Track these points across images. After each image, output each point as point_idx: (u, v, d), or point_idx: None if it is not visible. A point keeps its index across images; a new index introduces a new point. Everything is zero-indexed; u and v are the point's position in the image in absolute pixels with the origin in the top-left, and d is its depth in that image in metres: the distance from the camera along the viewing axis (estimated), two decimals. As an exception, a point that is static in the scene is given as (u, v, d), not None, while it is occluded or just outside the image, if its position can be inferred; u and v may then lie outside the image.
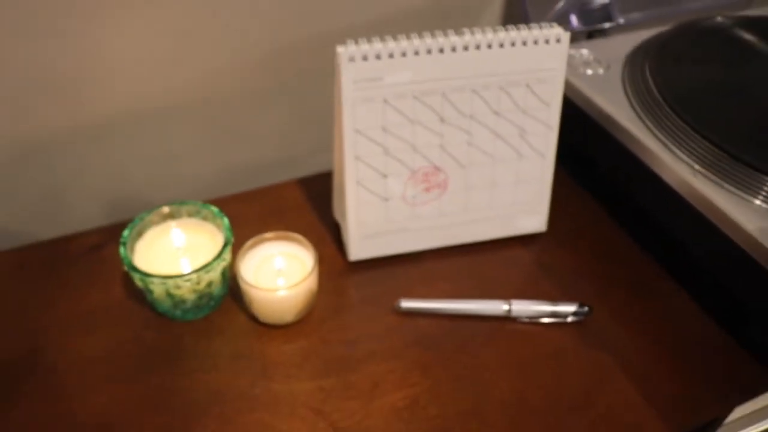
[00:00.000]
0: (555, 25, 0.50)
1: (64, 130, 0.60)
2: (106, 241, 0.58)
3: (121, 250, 0.49)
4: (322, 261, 0.54)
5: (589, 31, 0.72)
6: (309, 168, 0.67)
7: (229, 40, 0.61)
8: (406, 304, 0.52)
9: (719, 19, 0.71)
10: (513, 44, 0.49)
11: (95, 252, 0.58)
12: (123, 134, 0.62)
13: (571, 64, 0.65)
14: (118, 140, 0.62)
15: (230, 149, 0.67)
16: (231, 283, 0.53)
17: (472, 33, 0.48)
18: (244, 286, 0.48)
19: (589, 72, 0.65)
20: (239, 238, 0.51)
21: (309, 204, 0.63)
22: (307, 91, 0.67)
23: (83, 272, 0.56)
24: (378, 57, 0.47)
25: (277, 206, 0.62)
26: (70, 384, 0.48)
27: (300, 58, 0.65)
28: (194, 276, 0.47)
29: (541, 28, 0.49)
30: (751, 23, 0.71)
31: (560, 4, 0.71)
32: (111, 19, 0.55)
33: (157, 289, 0.48)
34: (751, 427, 0.62)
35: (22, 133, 0.59)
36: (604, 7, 0.72)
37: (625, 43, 0.69)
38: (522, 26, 0.49)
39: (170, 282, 0.47)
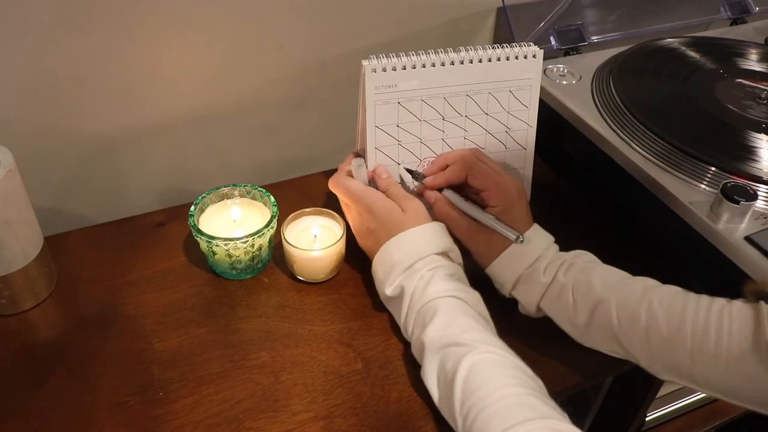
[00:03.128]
0: (532, 44, 0.63)
1: (129, 130, 0.73)
2: (168, 219, 0.71)
3: (190, 220, 0.61)
4: (347, 236, 0.66)
5: (565, 50, 0.85)
6: (331, 163, 0.80)
7: (269, 57, 0.74)
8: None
9: (669, 40, 0.85)
10: (499, 59, 0.62)
11: (160, 227, 0.70)
12: (178, 134, 0.75)
13: (550, 76, 0.79)
14: (174, 139, 0.75)
15: (267, 147, 0.81)
16: (275, 252, 0.66)
17: (467, 50, 0.61)
18: (287, 248, 0.61)
19: (564, 82, 0.79)
20: (279, 216, 0.64)
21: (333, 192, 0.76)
22: (331, 101, 0.81)
23: (151, 244, 0.69)
24: (394, 69, 0.60)
25: (307, 193, 0.75)
26: (148, 327, 0.60)
27: (327, 72, 0.78)
28: (249, 239, 0.60)
29: (520, 46, 0.63)
30: (695, 43, 0.85)
31: (541, 27, 0.85)
32: (171, 41, 0.68)
33: (219, 251, 0.60)
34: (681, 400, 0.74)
35: (97, 131, 0.71)
36: (577, 30, 0.86)
37: (595, 59, 0.83)
38: (506, 45, 0.63)
39: (230, 244, 0.59)
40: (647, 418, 0.83)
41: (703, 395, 0.88)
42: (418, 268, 0.55)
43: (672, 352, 0.49)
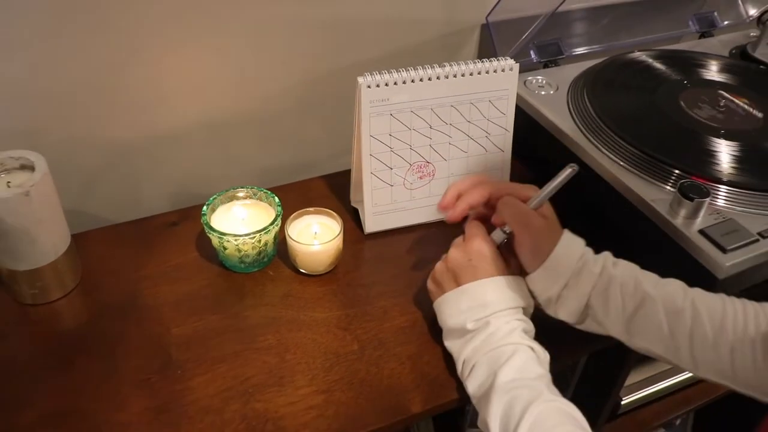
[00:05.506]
0: (509, 58, 0.71)
1: (144, 138, 0.80)
2: (181, 219, 0.78)
3: (203, 218, 0.68)
4: (343, 233, 0.73)
5: (544, 62, 0.93)
6: (329, 168, 0.87)
7: (275, 71, 0.81)
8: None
9: (638, 53, 0.92)
10: (479, 73, 0.70)
11: (173, 227, 0.77)
12: (189, 141, 0.82)
13: (529, 86, 0.86)
14: (186, 146, 0.82)
15: (271, 153, 0.87)
16: (279, 248, 0.73)
17: (451, 65, 0.69)
18: (291, 243, 0.68)
19: (543, 92, 0.86)
20: (282, 215, 0.71)
21: (331, 194, 0.83)
22: (329, 111, 0.88)
23: (165, 241, 0.75)
24: (386, 84, 0.67)
25: (308, 196, 0.82)
26: (165, 315, 0.67)
27: (326, 85, 0.85)
28: (256, 236, 0.66)
29: (499, 60, 0.70)
30: (662, 56, 0.93)
31: (522, 41, 0.92)
32: (183, 55, 0.75)
33: (230, 247, 0.67)
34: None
35: (114, 138, 0.78)
36: (555, 44, 0.93)
37: (571, 71, 0.90)
38: (486, 60, 0.70)
39: (240, 240, 0.66)
40: (623, 402, 0.90)
41: (679, 380, 0.95)
42: (507, 314, 0.57)
43: (715, 349, 0.52)
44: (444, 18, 0.89)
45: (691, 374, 0.89)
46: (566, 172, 0.62)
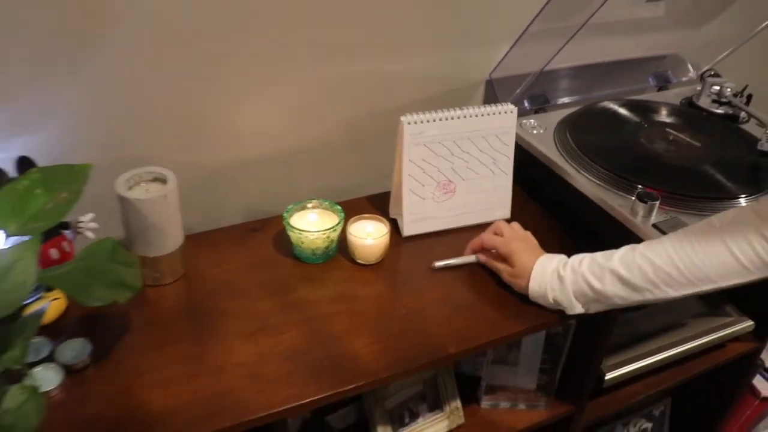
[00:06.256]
0: (509, 104, 0.96)
1: (227, 164, 1.03)
2: (261, 227, 1.01)
3: (285, 220, 0.92)
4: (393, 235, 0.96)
5: (535, 109, 1.19)
6: (370, 191, 1.11)
7: (324, 114, 1.06)
8: (438, 263, 0.94)
9: (607, 102, 1.19)
10: (488, 114, 0.95)
11: (255, 232, 1.00)
12: (262, 166, 1.06)
13: (524, 127, 1.12)
14: (258, 170, 1.06)
15: (326, 178, 1.12)
16: (340, 246, 0.96)
17: (467, 108, 0.94)
18: (351, 238, 0.91)
19: (535, 132, 1.11)
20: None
21: (373, 208, 1.06)
22: (370, 145, 1.12)
23: (249, 243, 0.98)
24: (421, 122, 0.92)
25: (356, 210, 1.05)
26: (253, 294, 0.88)
27: (364, 126, 1.10)
28: (327, 232, 0.90)
29: (501, 105, 0.96)
30: (625, 104, 1.19)
31: (517, 93, 1.18)
32: (257, 102, 1.00)
33: (306, 241, 0.90)
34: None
35: (204, 163, 1.01)
36: (543, 95, 1.19)
37: (556, 116, 1.16)
38: (493, 105, 0.95)
39: (314, 235, 0.89)
40: (606, 377, 1.11)
41: (656, 360, 1.15)
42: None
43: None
44: (458, 75, 1.15)
45: (669, 354, 1.12)
46: (471, 259, 0.94)
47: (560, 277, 0.83)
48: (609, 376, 1.11)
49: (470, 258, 0.94)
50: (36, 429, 0.64)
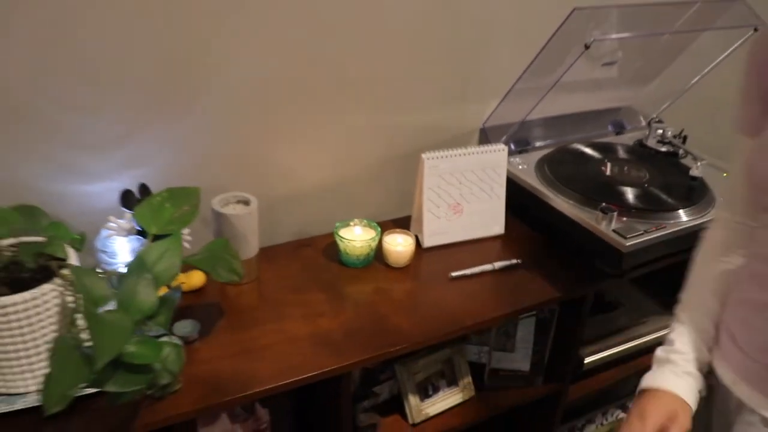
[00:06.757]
0: (502, 144, 1.27)
1: (283, 194, 1.32)
2: (310, 243, 1.29)
3: (335, 231, 1.19)
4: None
5: (519, 150, 1.50)
6: (394, 215, 1.39)
7: (359, 151, 1.36)
8: (454, 273, 1.22)
9: (576, 145, 1.50)
10: (485, 152, 1.25)
11: (305, 247, 1.28)
12: (309, 196, 1.34)
13: (512, 164, 1.42)
14: (307, 199, 1.34)
15: (358, 205, 1.40)
16: (376, 254, 1.23)
17: (470, 148, 1.24)
18: (386, 246, 1.19)
19: (521, 167, 1.41)
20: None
21: (401, 228, 1.34)
22: (393, 179, 1.42)
23: (302, 254, 1.25)
24: (436, 158, 1.22)
25: (385, 229, 1.34)
26: (307, 288, 1.15)
27: (392, 162, 1.40)
28: (368, 241, 1.18)
29: (495, 145, 1.26)
30: (591, 145, 1.51)
31: (505, 138, 1.49)
32: (303, 146, 1.29)
33: (352, 248, 1.18)
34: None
35: (266, 193, 1.30)
36: (525, 140, 1.51)
37: (536, 155, 1.46)
38: (488, 145, 1.26)
39: (358, 243, 1.17)
40: (586, 361, 1.38)
41: (628, 347, 1.43)
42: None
43: None
44: (459, 125, 1.46)
45: (639, 342, 1.41)
46: (478, 269, 1.20)
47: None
48: (588, 360, 1.39)
49: (477, 269, 1.21)
50: (178, 372, 0.89)
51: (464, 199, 1.28)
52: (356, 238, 1.20)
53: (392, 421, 1.23)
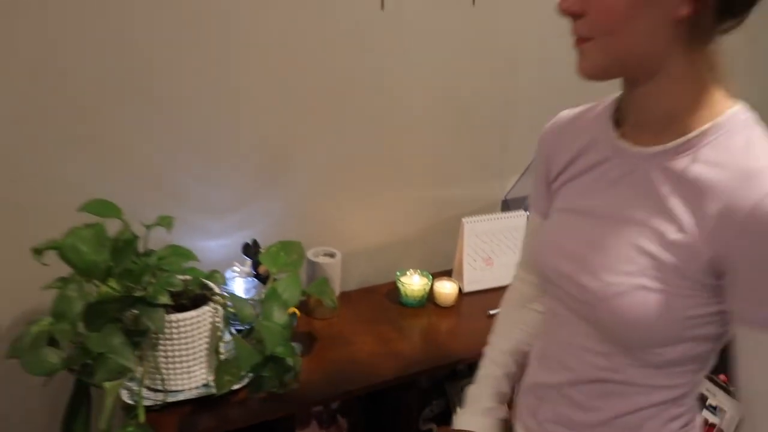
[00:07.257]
0: (522, 210, 1.64)
1: (347, 252, 1.67)
2: (373, 289, 1.63)
3: (396, 278, 1.54)
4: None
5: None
6: (435, 269, 1.74)
7: (407, 218, 1.72)
8: (492, 311, 1.56)
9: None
10: (510, 218, 1.62)
11: (370, 292, 1.62)
12: (367, 254, 1.69)
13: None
14: (365, 256, 1.69)
15: (407, 261, 1.75)
16: (429, 295, 1.57)
17: (498, 214, 1.61)
18: (437, 289, 1.54)
19: (536, 230, 1.78)
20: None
21: (445, 276, 1.69)
22: (433, 241, 1.78)
23: (368, 298, 1.60)
24: (473, 222, 1.59)
25: (434, 277, 1.68)
26: (373, 319, 1.49)
27: (433, 227, 1.76)
28: (423, 285, 1.52)
29: (516, 212, 1.63)
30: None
31: (524, 205, 1.86)
32: (363, 210, 1.66)
33: (410, 291, 1.52)
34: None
35: (341, 250, 1.65)
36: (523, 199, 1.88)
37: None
38: (512, 212, 1.63)
39: (416, 287, 1.52)
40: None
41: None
42: None
43: None
44: (485, 197, 1.84)
45: None
46: None
47: None
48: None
49: None
50: (299, 372, 1.22)
51: (494, 253, 1.64)
52: (414, 283, 1.55)
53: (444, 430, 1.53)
